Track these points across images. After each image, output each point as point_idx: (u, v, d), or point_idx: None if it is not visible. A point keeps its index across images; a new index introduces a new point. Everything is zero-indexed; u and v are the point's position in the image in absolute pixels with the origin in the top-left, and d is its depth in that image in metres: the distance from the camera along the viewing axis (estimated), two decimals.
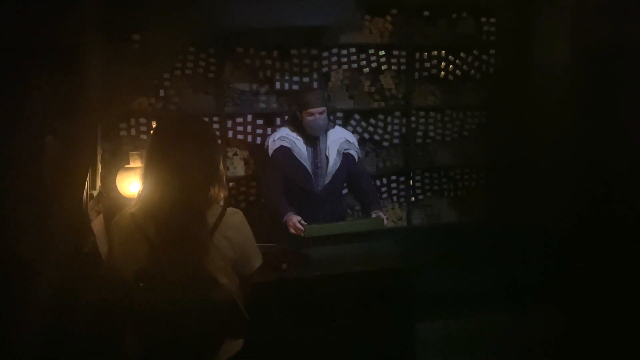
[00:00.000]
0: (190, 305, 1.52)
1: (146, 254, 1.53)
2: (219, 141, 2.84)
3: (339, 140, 3.15)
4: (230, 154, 3.57)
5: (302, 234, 2.85)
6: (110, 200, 2.76)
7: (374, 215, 3.06)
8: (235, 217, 1.64)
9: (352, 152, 3.19)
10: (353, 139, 3.26)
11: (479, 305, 3.66)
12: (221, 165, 1.65)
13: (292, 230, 2.89)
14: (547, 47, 3.83)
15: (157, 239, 1.54)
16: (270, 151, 3.09)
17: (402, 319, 2.56)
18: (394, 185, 3.93)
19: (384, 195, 3.92)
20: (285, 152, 3.06)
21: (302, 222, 2.89)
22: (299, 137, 3.09)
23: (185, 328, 1.54)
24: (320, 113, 3.02)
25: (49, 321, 1.79)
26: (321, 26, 3.57)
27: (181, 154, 1.57)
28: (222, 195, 1.63)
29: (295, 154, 3.06)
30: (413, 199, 3.99)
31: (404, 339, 2.57)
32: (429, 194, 4.03)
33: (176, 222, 1.53)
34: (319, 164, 3.10)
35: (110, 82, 2.48)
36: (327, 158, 3.11)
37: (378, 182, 3.88)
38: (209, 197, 1.60)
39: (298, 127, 3.10)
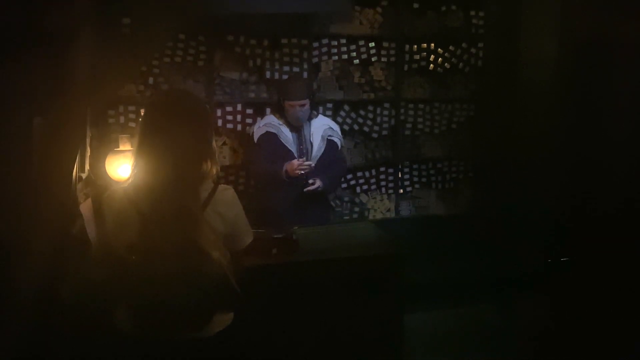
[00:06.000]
0: (182, 278, 1.52)
1: (138, 228, 1.53)
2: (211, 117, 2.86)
3: (323, 126, 3.22)
4: (219, 144, 3.56)
5: (310, 166, 2.98)
6: (98, 184, 2.73)
7: (310, 181, 3.07)
8: (227, 193, 1.65)
9: (335, 139, 3.24)
10: (336, 126, 3.32)
11: (467, 297, 3.69)
12: (213, 142, 1.66)
13: (301, 172, 2.96)
14: (535, 40, 3.88)
15: (149, 212, 1.53)
16: (256, 137, 3.15)
17: (390, 305, 2.57)
18: (382, 176, 3.95)
19: (373, 187, 3.93)
20: (271, 137, 3.11)
21: (306, 163, 2.98)
22: (284, 124, 3.15)
23: (177, 301, 1.53)
24: (301, 105, 3.06)
25: (37, 301, 1.78)
26: (312, 16, 3.58)
27: (174, 129, 1.56)
28: (214, 171, 1.63)
29: (281, 139, 3.11)
30: (401, 190, 4.01)
31: (391, 325, 2.58)
32: (417, 185, 4.05)
33: (169, 196, 1.53)
34: (304, 150, 3.15)
35: (100, 65, 2.46)
36: (311, 144, 3.17)
37: (367, 174, 3.90)
38: (201, 173, 1.60)
39: (282, 114, 3.15)
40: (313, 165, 3.04)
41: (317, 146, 3.16)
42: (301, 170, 2.98)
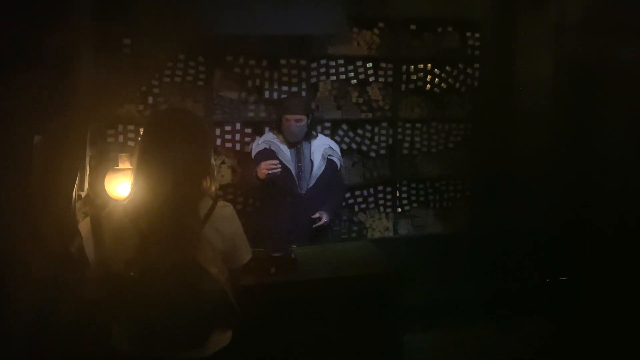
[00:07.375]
0: (180, 296, 1.52)
1: (137, 245, 1.53)
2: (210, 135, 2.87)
3: (323, 146, 3.25)
4: (218, 162, 3.57)
5: (278, 166, 2.92)
6: (97, 202, 2.74)
7: (317, 215, 3.09)
8: (226, 210, 1.66)
9: (335, 159, 3.27)
10: (336, 146, 3.34)
11: (465, 316, 3.67)
12: (212, 159, 1.67)
13: (269, 171, 2.91)
14: (529, 61, 3.93)
15: (148, 230, 1.54)
16: (254, 153, 3.18)
17: (388, 324, 2.57)
18: (380, 195, 3.96)
19: (371, 206, 3.94)
20: (268, 154, 3.13)
21: (272, 162, 2.95)
22: (282, 141, 3.18)
23: (175, 318, 1.53)
24: (297, 120, 3.10)
25: (35, 320, 1.77)
26: (310, 37, 3.63)
27: (173, 147, 1.58)
28: (213, 188, 1.64)
29: (279, 156, 3.12)
30: (399, 209, 4.02)
31: (389, 344, 2.57)
32: (415, 204, 4.06)
33: (168, 213, 1.54)
34: (302, 167, 3.17)
35: (99, 84, 2.48)
36: (311, 162, 3.19)
37: (365, 192, 3.91)
38: (200, 190, 1.61)
39: (281, 130, 3.19)
40: (280, 167, 2.97)
41: (318, 165, 3.18)
42: (269, 171, 2.94)
